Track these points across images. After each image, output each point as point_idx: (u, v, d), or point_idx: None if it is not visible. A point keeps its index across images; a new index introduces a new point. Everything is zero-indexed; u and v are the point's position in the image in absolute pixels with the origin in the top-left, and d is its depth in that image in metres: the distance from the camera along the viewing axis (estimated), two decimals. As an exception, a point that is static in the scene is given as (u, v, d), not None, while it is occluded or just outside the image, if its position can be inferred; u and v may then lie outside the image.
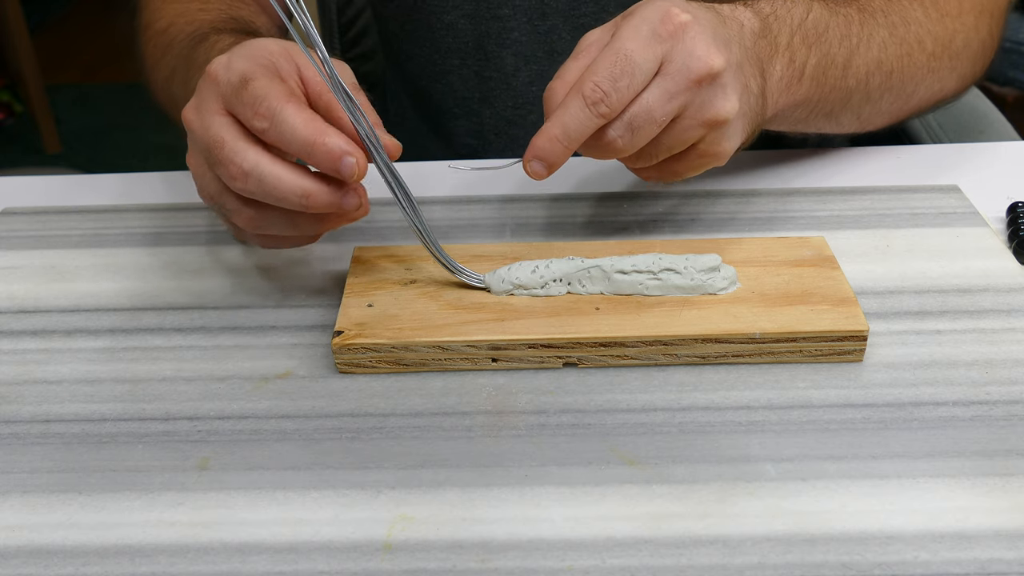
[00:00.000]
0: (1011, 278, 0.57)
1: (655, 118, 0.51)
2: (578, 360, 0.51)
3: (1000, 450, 0.46)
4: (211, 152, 0.49)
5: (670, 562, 0.41)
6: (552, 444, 0.47)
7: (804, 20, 0.60)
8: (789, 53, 0.59)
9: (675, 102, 0.52)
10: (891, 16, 0.65)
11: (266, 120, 0.48)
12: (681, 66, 0.51)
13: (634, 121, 0.51)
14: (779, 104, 0.60)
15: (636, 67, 0.51)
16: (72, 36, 2.83)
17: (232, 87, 0.49)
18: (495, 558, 0.42)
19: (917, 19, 0.66)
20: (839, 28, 0.62)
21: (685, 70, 0.51)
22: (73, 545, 0.43)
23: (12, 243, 0.64)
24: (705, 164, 0.56)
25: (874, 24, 0.64)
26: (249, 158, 0.48)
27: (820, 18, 0.61)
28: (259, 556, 0.42)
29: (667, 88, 0.51)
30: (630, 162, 0.56)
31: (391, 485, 0.45)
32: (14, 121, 2.44)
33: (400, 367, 0.51)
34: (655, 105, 0.51)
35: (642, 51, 0.51)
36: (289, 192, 0.48)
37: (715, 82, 0.52)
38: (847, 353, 0.51)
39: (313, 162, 0.48)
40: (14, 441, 0.48)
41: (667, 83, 0.51)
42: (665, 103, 0.51)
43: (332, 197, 0.49)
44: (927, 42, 0.66)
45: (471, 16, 0.76)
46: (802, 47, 0.59)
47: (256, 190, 0.49)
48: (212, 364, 0.53)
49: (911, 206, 0.64)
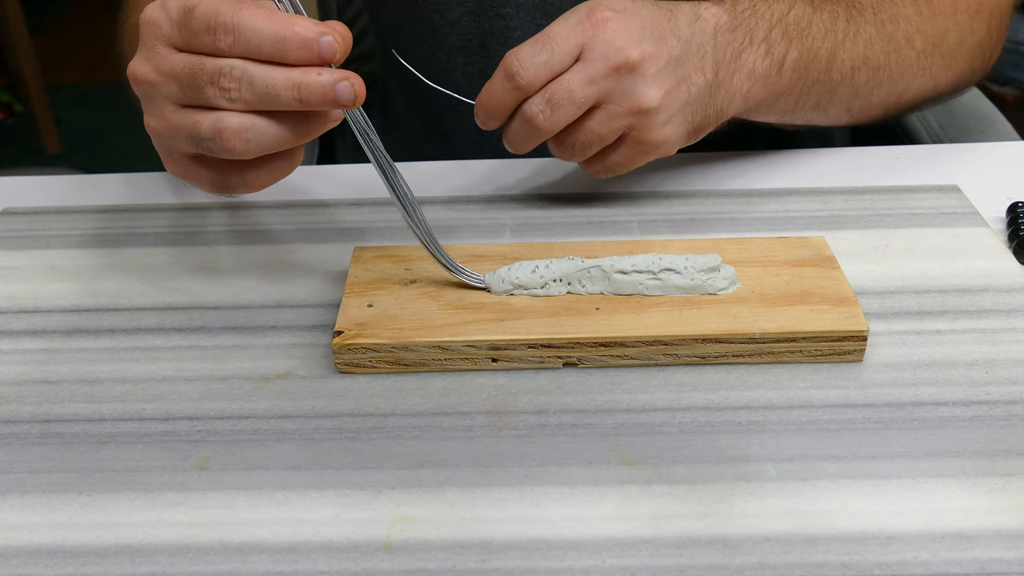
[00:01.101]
0: (1011, 278, 0.57)
1: (574, 99, 0.56)
2: (578, 360, 0.51)
3: (1000, 450, 0.46)
4: (190, 83, 0.47)
5: (670, 562, 0.41)
6: (552, 444, 0.47)
7: (785, 15, 0.62)
8: (766, 46, 0.61)
9: (594, 87, 0.56)
10: (880, 14, 0.66)
11: (228, 34, 0.46)
12: (600, 54, 0.56)
13: (553, 98, 0.56)
14: (755, 95, 0.62)
15: (554, 46, 0.55)
16: (72, 36, 2.83)
17: (176, 23, 0.47)
18: (495, 558, 0.42)
19: (907, 17, 0.67)
20: (823, 24, 0.63)
21: (604, 58, 0.55)
22: (73, 545, 0.43)
23: (12, 243, 0.64)
24: (644, 152, 0.60)
25: (861, 21, 0.65)
26: (236, 65, 0.46)
27: (803, 14, 0.63)
28: (259, 556, 0.42)
29: (586, 72, 0.56)
30: (568, 153, 0.60)
31: (391, 485, 0.45)
32: (14, 121, 2.45)
33: (400, 367, 0.51)
34: (575, 86, 0.55)
35: (563, 34, 0.56)
36: (281, 87, 0.46)
37: (635, 71, 0.56)
38: (847, 353, 0.51)
39: (289, 56, 0.46)
40: (14, 441, 0.48)
41: (587, 68, 0.56)
42: (584, 85, 0.55)
43: (324, 86, 0.46)
44: (916, 40, 0.67)
45: (475, 13, 0.76)
46: (781, 41, 0.62)
47: (248, 94, 0.46)
48: (212, 364, 0.53)
49: (911, 206, 0.64)
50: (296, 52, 0.46)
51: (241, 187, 0.51)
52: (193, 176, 0.52)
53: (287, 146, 0.49)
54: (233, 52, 0.46)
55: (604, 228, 0.63)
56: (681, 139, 0.60)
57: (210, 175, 0.51)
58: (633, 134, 0.58)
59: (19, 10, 2.24)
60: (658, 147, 0.59)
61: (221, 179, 0.51)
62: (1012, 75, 1.68)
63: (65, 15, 2.95)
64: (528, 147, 0.60)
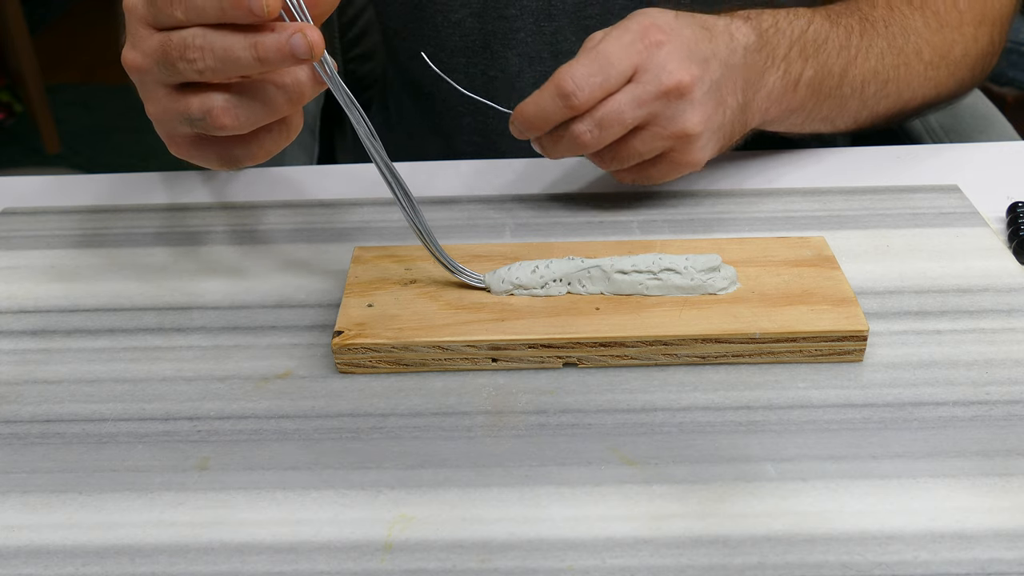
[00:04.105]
0: (1011, 278, 0.57)
1: (624, 120, 0.56)
2: (578, 360, 0.51)
3: (1000, 450, 0.46)
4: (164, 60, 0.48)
5: (670, 562, 0.41)
6: (552, 444, 0.47)
7: (804, 32, 0.63)
8: (785, 64, 0.62)
9: (644, 109, 0.56)
10: (891, 27, 0.67)
11: (178, 5, 0.46)
12: (653, 77, 0.56)
13: (603, 120, 0.56)
14: (770, 113, 0.63)
15: (610, 69, 0.55)
16: (72, 36, 2.83)
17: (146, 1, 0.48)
18: (495, 558, 0.42)
19: (917, 29, 0.68)
20: (838, 39, 0.65)
21: (656, 81, 0.56)
22: (73, 545, 0.43)
23: (12, 243, 0.64)
24: (677, 171, 0.61)
25: (874, 34, 0.66)
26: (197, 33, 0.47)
27: (820, 30, 0.64)
28: (259, 556, 0.42)
29: (637, 95, 0.56)
30: (605, 164, 0.60)
31: (391, 485, 0.45)
32: (14, 121, 2.44)
33: (400, 367, 0.51)
34: (625, 108, 0.56)
35: (618, 55, 0.56)
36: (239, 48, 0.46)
37: (684, 97, 0.56)
38: (847, 353, 0.51)
39: (229, 14, 0.46)
40: (14, 441, 0.48)
41: (638, 90, 0.56)
42: (634, 108, 0.56)
43: (279, 41, 0.46)
44: (925, 52, 0.68)
45: (478, 15, 0.76)
46: (799, 59, 0.63)
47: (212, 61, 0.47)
48: (212, 364, 0.53)
49: (911, 206, 0.64)
50: (233, 11, 0.46)
51: (247, 159, 0.52)
52: (198, 156, 0.52)
53: (277, 116, 0.49)
54: (189, 21, 0.47)
55: (604, 228, 0.63)
56: (711, 157, 0.62)
57: (215, 152, 0.52)
58: (672, 155, 0.59)
59: (19, 10, 2.23)
60: (693, 167, 0.61)
61: (226, 153, 0.52)
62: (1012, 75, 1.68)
63: (65, 15, 2.95)
64: (563, 156, 0.60)
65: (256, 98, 0.49)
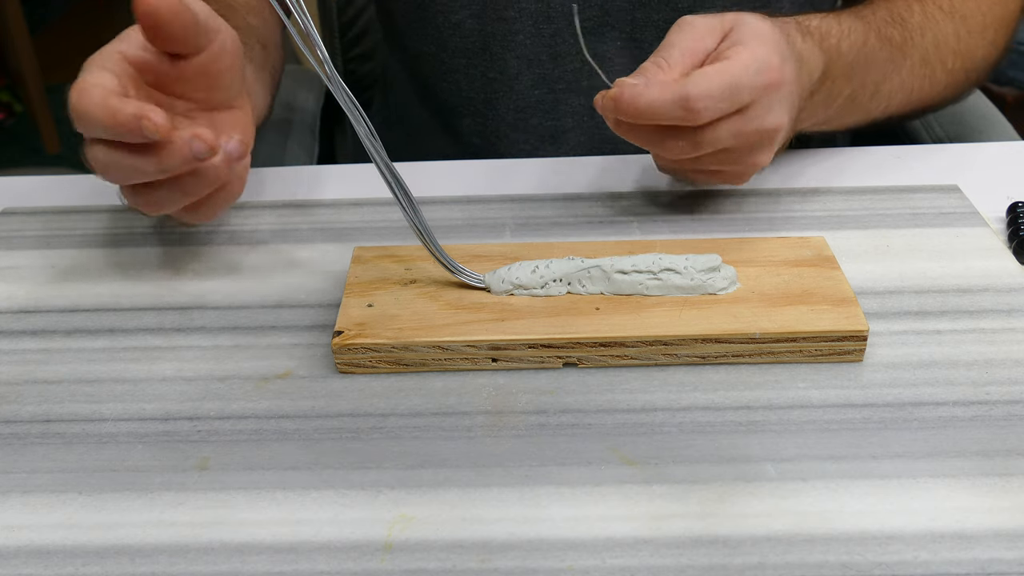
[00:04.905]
0: (1011, 278, 0.57)
1: (716, 146, 0.56)
2: (578, 360, 0.51)
3: (1000, 450, 0.46)
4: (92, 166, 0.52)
5: (670, 562, 0.41)
6: (552, 444, 0.47)
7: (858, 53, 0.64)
8: (829, 84, 0.63)
9: (736, 141, 0.56)
10: (926, 37, 0.69)
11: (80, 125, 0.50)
12: (758, 118, 0.56)
13: (700, 143, 0.56)
14: (801, 125, 0.64)
15: (736, 101, 0.54)
16: (72, 36, 2.83)
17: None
18: (495, 558, 0.42)
19: (946, 40, 0.70)
20: (881, 61, 0.66)
21: (759, 122, 0.56)
22: (73, 545, 0.43)
23: (12, 243, 0.64)
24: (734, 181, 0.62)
25: (910, 48, 0.68)
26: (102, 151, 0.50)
27: (872, 51, 0.65)
28: (259, 556, 0.42)
29: (740, 129, 0.56)
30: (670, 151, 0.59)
31: (391, 485, 0.45)
32: (14, 121, 2.44)
33: (400, 367, 0.51)
34: (723, 137, 0.56)
35: (747, 89, 0.55)
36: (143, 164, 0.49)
37: (771, 140, 0.58)
38: (847, 353, 0.51)
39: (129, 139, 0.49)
40: (14, 441, 0.48)
41: (740, 124, 0.56)
42: (730, 139, 0.56)
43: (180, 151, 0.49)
44: (949, 60, 0.70)
45: (478, 16, 0.76)
46: (841, 79, 0.64)
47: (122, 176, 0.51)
48: (212, 364, 0.53)
49: (911, 206, 0.64)
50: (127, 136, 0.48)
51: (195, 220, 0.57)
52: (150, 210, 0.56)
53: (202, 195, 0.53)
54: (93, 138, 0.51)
55: (604, 228, 0.63)
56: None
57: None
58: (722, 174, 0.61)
59: (19, 10, 2.23)
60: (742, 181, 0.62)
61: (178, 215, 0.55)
62: (1012, 75, 1.68)
63: (65, 15, 2.94)
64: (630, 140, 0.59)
65: (176, 189, 0.52)
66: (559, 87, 0.78)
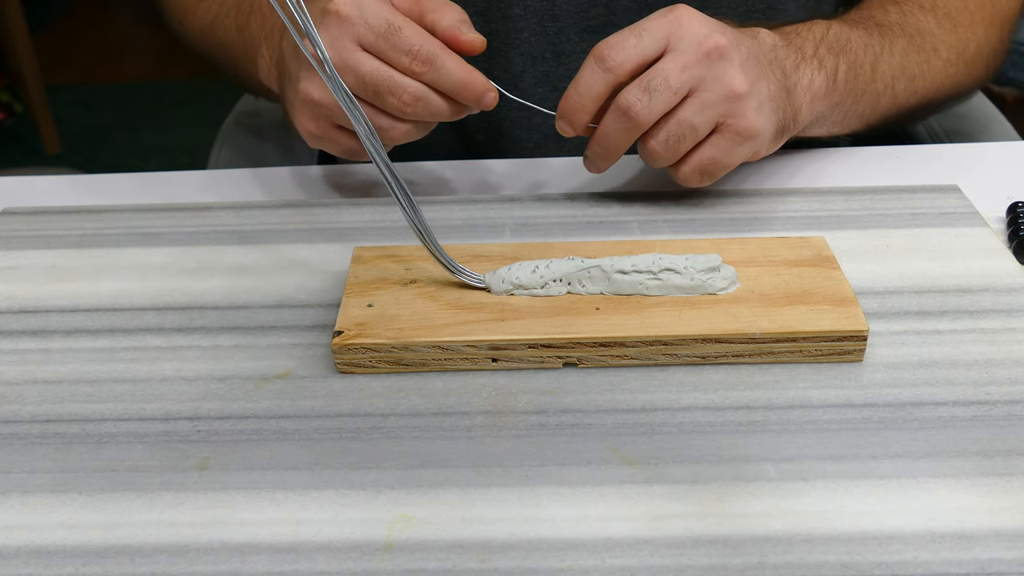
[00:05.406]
0: (1011, 278, 0.57)
1: (670, 84, 0.57)
2: (578, 360, 0.51)
3: (1000, 450, 0.46)
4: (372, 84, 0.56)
5: (670, 562, 0.41)
6: (552, 444, 0.47)
7: (826, 34, 0.65)
8: (817, 60, 0.63)
9: (687, 73, 0.57)
10: (907, 28, 0.69)
11: (426, 64, 0.56)
12: (690, 42, 0.57)
13: (650, 84, 0.57)
14: (816, 107, 0.64)
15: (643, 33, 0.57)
16: (72, 36, 2.83)
17: (375, 30, 0.56)
18: (495, 558, 0.42)
19: (931, 30, 0.70)
20: (860, 38, 0.66)
21: (694, 45, 0.57)
22: (73, 545, 0.43)
23: (12, 243, 0.64)
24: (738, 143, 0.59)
25: (892, 35, 0.68)
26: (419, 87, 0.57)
27: (841, 31, 0.66)
28: (259, 556, 0.42)
29: (679, 59, 0.57)
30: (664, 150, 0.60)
31: (391, 485, 0.45)
32: (14, 121, 2.44)
33: (400, 367, 0.51)
34: (669, 72, 0.56)
35: (650, 25, 0.57)
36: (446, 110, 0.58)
37: (724, 57, 0.57)
38: (847, 353, 0.51)
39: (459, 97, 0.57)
40: (14, 441, 0.48)
41: (678, 56, 0.57)
42: (679, 72, 0.57)
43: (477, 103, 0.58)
44: (942, 50, 0.70)
45: (483, 13, 0.76)
46: (829, 55, 0.64)
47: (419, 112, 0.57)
48: (212, 364, 0.53)
49: (911, 206, 0.64)
50: (467, 98, 0.57)
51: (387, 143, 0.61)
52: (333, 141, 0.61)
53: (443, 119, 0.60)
54: (422, 79, 0.56)
55: (604, 228, 0.63)
56: (771, 136, 0.61)
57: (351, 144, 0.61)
58: (728, 122, 0.58)
59: (19, 10, 2.23)
60: (752, 137, 0.59)
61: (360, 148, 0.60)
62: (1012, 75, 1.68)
63: (65, 15, 2.94)
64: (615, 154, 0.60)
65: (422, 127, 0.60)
66: (563, 85, 0.78)
